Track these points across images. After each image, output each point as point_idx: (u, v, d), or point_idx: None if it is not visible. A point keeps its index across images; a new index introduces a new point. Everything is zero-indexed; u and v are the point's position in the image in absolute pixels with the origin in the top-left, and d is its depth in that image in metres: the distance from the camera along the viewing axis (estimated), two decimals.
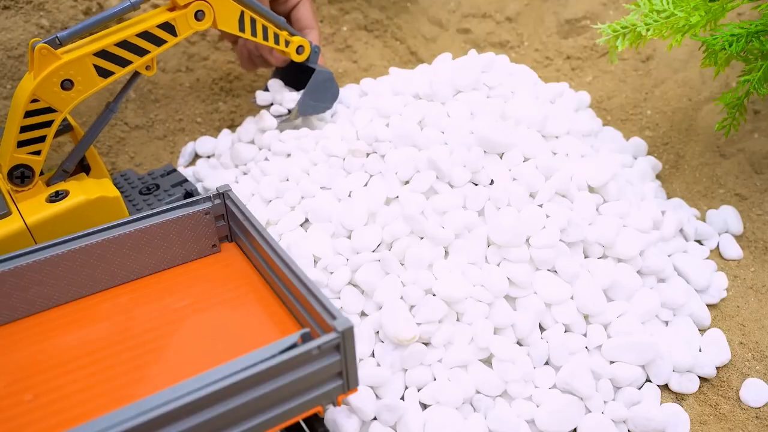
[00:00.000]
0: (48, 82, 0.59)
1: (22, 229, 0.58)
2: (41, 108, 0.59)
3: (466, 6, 1.10)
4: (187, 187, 0.74)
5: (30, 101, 0.58)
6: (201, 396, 0.40)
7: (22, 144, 0.60)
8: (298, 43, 0.77)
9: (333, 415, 0.55)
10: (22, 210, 0.60)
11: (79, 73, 0.60)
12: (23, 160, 0.60)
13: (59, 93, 0.60)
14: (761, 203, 0.78)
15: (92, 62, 0.60)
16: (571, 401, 0.56)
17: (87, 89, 0.61)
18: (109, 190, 0.63)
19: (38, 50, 0.57)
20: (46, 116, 0.60)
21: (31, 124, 0.59)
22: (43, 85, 0.58)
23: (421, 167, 0.65)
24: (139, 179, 0.76)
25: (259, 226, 0.56)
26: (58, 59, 0.59)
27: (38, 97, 0.59)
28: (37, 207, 0.60)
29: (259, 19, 0.71)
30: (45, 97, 0.59)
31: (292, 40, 0.76)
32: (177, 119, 0.93)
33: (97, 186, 0.64)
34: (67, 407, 0.46)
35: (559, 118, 0.71)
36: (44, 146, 0.61)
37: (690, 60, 0.93)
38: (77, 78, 0.60)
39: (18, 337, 0.53)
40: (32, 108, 0.59)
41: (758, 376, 0.61)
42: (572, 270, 0.61)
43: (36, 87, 0.58)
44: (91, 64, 0.60)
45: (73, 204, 0.60)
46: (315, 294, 0.48)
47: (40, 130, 0.60)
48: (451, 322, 0.59)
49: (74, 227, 0.60)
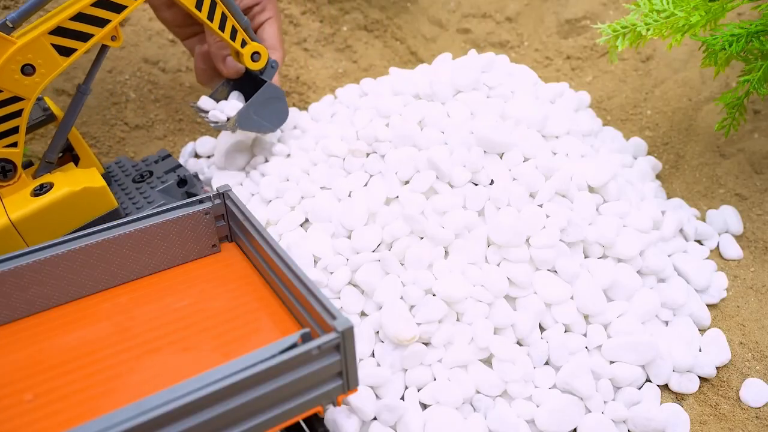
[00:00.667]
0: (6, 69, 0.55)
1: (6, 226, 0.57)
2: (6, 99, 0.57)
3: (466, 6, 1.10)
4: (181, 173, 0.72)
5: None
6: (201, 396, 0.40)
7: None
8: (255, 49, 0.71)
9: (333, 415, 0.55)
10: (7, 205, 0.58)
11: (39, 56, 0.57)
12: (1, 155, 0.58)
13: (21, 80, 0.56)
14: (761, 203, 0.78)
15: (50, 41, 0.57)
16: (571, 401, 0.56)
17: (50, 71, 0.58)
18: (95, 180, 0.61)
19: None
20: (13, 106, 0.57)
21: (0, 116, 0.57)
22: (3, 74, 0.55)
23: (421, 167, 0.65)
24: (133, 166, 0.74)
25: (259, 226, 0.56)
26: (13, 44, 0.55)
27: (0, 88, 0.56)
28: (21, 202, 0.59)
29: (220, 6, 0.67)
30: (7, 86, 0.56)
31: (249, 43, 0.71)
32: (177, 119, 0.93)
33: (83, 176, 0.62)
34: (67, 407, 0.46)
35: (559, 118, 0.71)
36: (19, 137, 0.59)
37: (690, 60, 0.93)
38: (37, 61, 0.57)
39: (18, 337, 0.53)
40: None
41: (758, 376, 0.61)
42: (572, 270, 0.61)
43: None
44: (48, 44, 0.57)
45: (57, 197, 0.59)
46: (315, 294, 0.48)
47: (11, 122, 0.58)
48: (451, 322, 0.59)
49: (61, 220, 0.59)
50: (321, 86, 1.00)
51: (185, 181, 0.72)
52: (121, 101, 0.91)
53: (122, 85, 0.91)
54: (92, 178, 0.62)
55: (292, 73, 0.99)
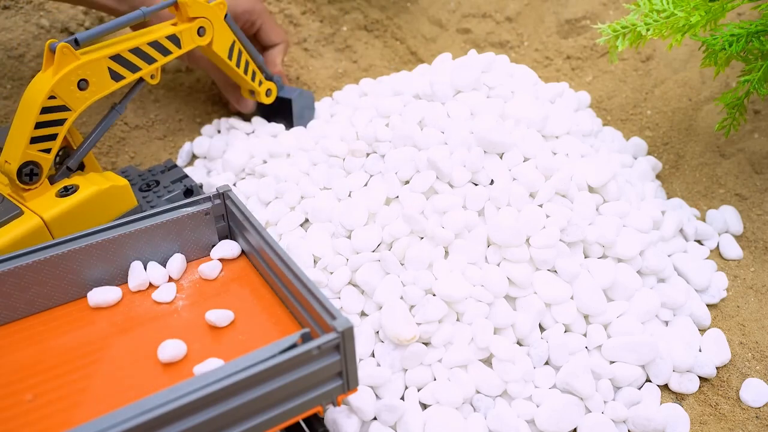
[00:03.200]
0: (66, 80, 0.60)
1: (39, 226, 0.59)
2: (57, 105, 0.61)
3: (466, 6, 1.10)
4: (187, 183, 0.74)
5: (48, 97, 0.60)
6: (201, 396, 0.40)
7: (35, 140, 0.61)
8: (268, 86, 0.85)
9: (333, 415, 0.55)
10: (34, 207, 0.61)
11: (95, 74, 0.62)
12: (34, 157, 0.61)
13: (75, 92, 0.61)
14: (761, 203, 0.78)
15: (107, 65, 0.63)
16: (571, 401, 0.56)
17: (99, 91, 0.64)
18: (116, 179, 0.65)
19: (60, 49, 0.59)
20: (60, 114, 0.61)
21: (45, 120, 0.61)
22: (62, 83, 0.60)
23: (421, 167, 0.65)
24: (140, 176, 0.76)
25: (259, 226, 0.56)
26: (78, 59, 0.61)
27: (56, 95, 0.60)
28: (49, 203, 0.61)
29: (244, 53, 0.79)
30: (62, 94, 0.61)
31: (264, 82, 0.84)
32: (177, 119, 0.93)
33: (104, 177, 0.65)
34: (67, 407, 0.46)
35: (559, 118, 0.71)
36: (55, 144, 0.62)
37: (690, 60, 0.93)
38: (92, 79, 0.62)
39: (18, 337, 0.53)
40: (49, 105, 0.60)
41: (758, 376, 0.61)
42: (572, 270, 0.61)
43: (55, 84, 0.60)
44: (106, 67, 0.63)
45: (87, 195, 0.62)
46: (315, 294, 0.48)
47: (53, 128, 0.62)
48: (451, 322, 0.59)
49: (89, 218, 0.62)
50: (321, 86, 1.00)
51: (191, 191, 0.74)
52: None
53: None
54: (113, 178, 0.65)
55: (292, 73, 0.99)
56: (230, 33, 0.76)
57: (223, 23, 0.74)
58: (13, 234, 0.58)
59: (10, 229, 0.58)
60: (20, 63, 0.89)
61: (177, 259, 0.58)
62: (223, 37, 0.75)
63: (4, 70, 0.88)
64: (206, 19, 0.72)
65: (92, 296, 0.55)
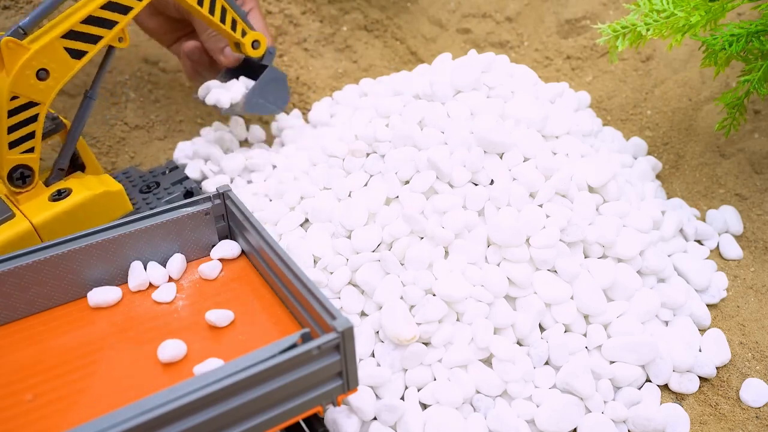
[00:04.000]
0: (22, 75, 0.56)
1: (28, 230, 0.58)
2: (22, 104, 0.58)
3: (466, 6, 1.10)
4: (187, 185, 0.74)
5: (9, 99, 0.57)
6: (201, 396, 0.40)
7: (13, 145, 0.59)
8: (255, 37, 0.75)
9: (333, 415, 0.55)
10: (25, 211, 0.59)
11: (52, 60, 0.58)
12: (19, 161, 0.59)
13: (36, 85, 0.58)
14: (761, 203, 0.78)
15: (62, 45, 0.58)
16: (571, 401, 0.56)
17: (63, 75, 0.59)
18: (111, 184, 0.63)
19: (4, 44, 0.55)
20: (29, 111, 0.58)
21: (16, 123, 0.58)
22: (19, 80, 0.56)
23: (421, 167, 0.65)
24: (140, 177, 0.76)
25: (258, 226, 0.56)
26: (27, 50, 0.56)
27: (16, 94, 0.57)
28: (41, 207, 0.60)
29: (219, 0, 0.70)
30: (23, 91, 0.57)
31: (249, 32, 0.75)
32: (177, 120, 0.93)
33: (98, 181, 0.64)
34: (66, 407, 0.46)
35: (559, 118, 0.71)
36: (36, 142, 0.60)
37: (690, 60, 0.93)
38: (51, 65, 0.58)
39: (18, 337, 0.53)
40: (13, 106, 0.57)
41: (758, 376, 0.61)
42: (572, 270, 0.61)
43: (12, 83, 0.56)
44: (61, 48, 0.58)
45: (78, 200, 0.60)
46: (315, 294, 0.48)
47: (28, 127, 0.59)
48: (451, 322, 0.59)
49: (80, 224, 0.61)
50: (321, 86, 1.00)
51: (191, 193, 0.74)
52: (121, 101, 0.91)
53: (122, 85, 0.91)
54: (108, 183, 0.64)
55: (292, 74, 0.99)
56: None
57: None
58: (2, 237, 0.57)
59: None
60: None
61: (177, 259, 0.58)
62: None
63: None
64: None
65: (92, 296, 0.55)
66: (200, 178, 0.81)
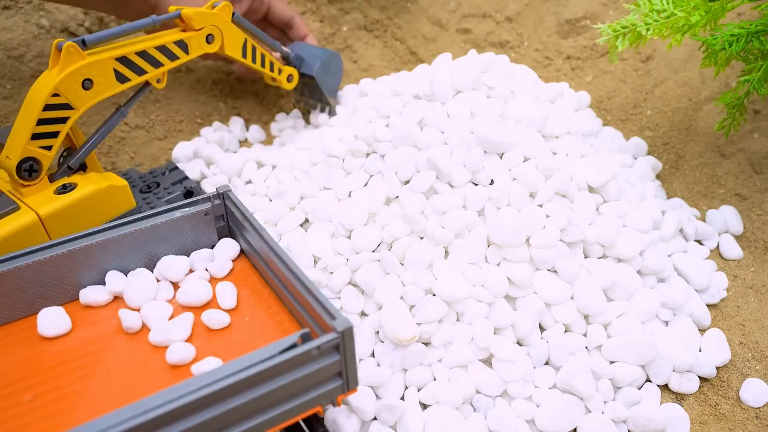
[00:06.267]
0: (71, 78, 0.61)
1: (34, 221, 0.59)
2: (60, 103, 0.61)
3: (466, 6, 1.10)
4: (187, 185, 0.74)
5: (51, 95, 0.60)
6: (201, 396, 0.40)
7: (36, 137, 0.61)
8: (289, 72, 0.85)
9: (333, 415, 0.55)
10: (31, 203, 0.61)
11: (100, 75, 0.63)
12: (34, 153, 0.61)
13: (79, 91, 0.62)
14: (761, 203, 0.78)
15: (113, 66, 0.64)
16: (571, 401, 0.56)
17: (104, 91, 0.64)
18: (116, 179, 0.65)
19: (66, 47, 0.60)
20: (63, 112, 0.62)
21: (48, 117, 0.61)
22: (66, 81, 0.60)
23: (421, 167, 0.65)
24: (141, 178, 0.76)
25: (258, 226, 0.56)
26: (84, 59, 0.61)
27: (59, 92, 0.60)
28: (47, 199, 0.61)
29: (258, 48, 0.79)
30: (66, 92, 0.61)
31: (283, 69, 0.85)
32: (177, 120, 0.93)
33: (103, 177, 0.65)
34: (66, 407, 0.46)
35: (559, 118, 0.71)
36: (56, 142, 0.62)
37: (690, 60, 0.93)
38: (97, 79, 0.63)
39: (18, 337, 0.53)
40: (52, 102, 0.60)
41: (758, 376, 0.61)
42: (572, 270, 0.61)
43: (59, 82, 0.60)
44: (111, 68, 0.64)
45: (85, 194, 0.62)
46: (314, 294, 0.48)
47: (55, 125, 0.62)
48: (451, 322, 0.59)
49: (86, 217, 0.62)
50: None
51: (191, 193, 0.74)
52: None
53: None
54: (113, 179, 0.65)
55: None
56: (240, 33, 0.76)
57: (231, 26, 0.74)
58: (8, 228, 0.58)
59: (4, 224, 0.58)
60: (20, 63, 0.89)
61: (177, 260, 0.58)
62: (234, 39, 0.75)
63: (4, 70, 0.88)
64: (214, 26, 0.72)
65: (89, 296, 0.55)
66: (200, 178, 0.81)
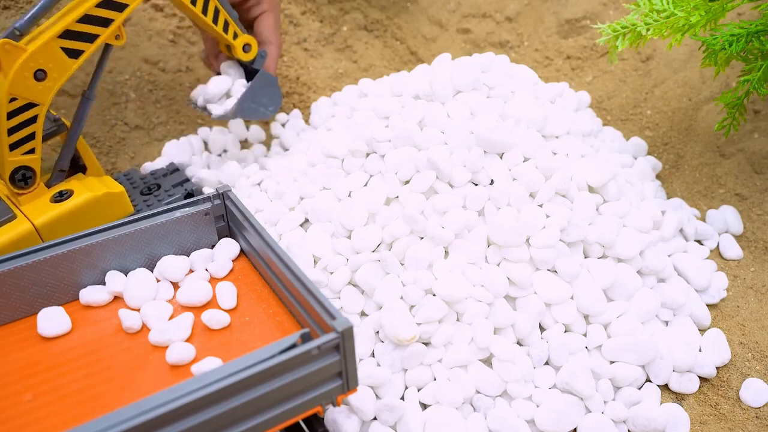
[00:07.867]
0: (20, 77, 0.56)
1: (30, 231, 0.58)
2: (22, 106, 0.58)
3: (466, 6, 1.10)
4: (188, 187, 0.74)
5: (8, 101, 0.56)
6: (201, 396, 0.40)
7: (14, 146, 0.59)
8: (246, 41, 0.76)
9: (333, 415, 0.55)
10: (27, 212, 0.59)
11: (49, 60, 0.58)
12: (20, 162, 0.59)
13: (34, 86, 0.57)
14: (761, 203, 0.78)
15: (59, 45, 0.58)
16: (571, 401, 0.56)
17: (61, 75, 0.59)
18: (113, 186, 0.64)
19: (0, 46, 0.55)
20: (28, 113, 0.58)
21: (16, 124, 0.58)
22: (17, 82, 0.56)
23: (421, 167, 0.65)
24: (141, 179, 0.76)
25: (258, 226, 0.56)
26: (24, 51, 0.56)
27: (15, 95, 0.57)
28: (42, 208, 0.60)
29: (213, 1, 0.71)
30: (21, 93, 0.57)
31: (241, 35, 0.75)
32: (178, 121, 0.93)
33: (100, 183, 0.64)
34: (66, 407, 0.46)
35: (559, 118, 0.71)
36: (36, 143, 0.60)
37: (690, 60, 0.93)
38: (48, 65, 0.58)
39: (18, 337, 0.53)
40: (12, 108, 0.57)
41: (758, 376, 0.61)
42: (572, 270, 0.61)
43: (10, 85, 0.56)
44: (58, 48, 0.58)
45: (80, 202, 0.61)
46: (314, 294, 0.48)
47: (28, 128, 0.59)
48: (451, 322, 0.59)
49: (82, 225, 0.61)
50: (321, 86, 1.00)
51: (192, 195, 0.74)
52: (121, 101, 0.91)
53: (122, 85, 0.91)
54: (110, 185, 0.64)
55: (292, 74, 0.99)
56: None
57: None
58: (3, 238, 0.58)
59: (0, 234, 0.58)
60: None
61: (177, 260, 0.58)
62: None
63: None
64: None
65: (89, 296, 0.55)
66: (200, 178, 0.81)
